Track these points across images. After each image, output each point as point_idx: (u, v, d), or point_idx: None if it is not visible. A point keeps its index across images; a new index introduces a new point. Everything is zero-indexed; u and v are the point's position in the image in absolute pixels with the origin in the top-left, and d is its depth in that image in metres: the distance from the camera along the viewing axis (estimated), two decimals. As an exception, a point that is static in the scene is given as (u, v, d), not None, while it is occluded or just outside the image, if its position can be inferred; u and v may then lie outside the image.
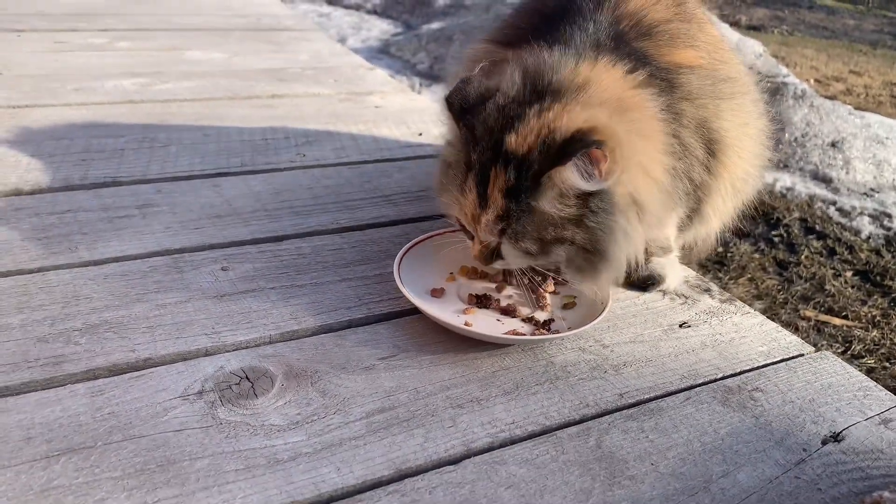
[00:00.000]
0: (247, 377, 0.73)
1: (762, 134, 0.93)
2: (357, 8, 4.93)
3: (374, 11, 4.89)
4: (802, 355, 0.84)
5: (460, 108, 0.77)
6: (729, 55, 0.93)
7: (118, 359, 0.74)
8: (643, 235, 0.80)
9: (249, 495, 0.60)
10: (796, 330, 1.72)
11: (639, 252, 0.81)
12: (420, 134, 1.46)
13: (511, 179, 0.73)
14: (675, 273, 0.95)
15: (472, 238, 0.81)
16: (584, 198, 0.73)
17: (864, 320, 1.80)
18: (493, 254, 0.80)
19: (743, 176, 0.91)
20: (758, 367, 0.81)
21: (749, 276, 1.96)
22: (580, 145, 0.69)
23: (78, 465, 0.62)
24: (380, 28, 4.45)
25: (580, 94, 0.75)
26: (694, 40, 0.88)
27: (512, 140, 0.73)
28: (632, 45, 0.84)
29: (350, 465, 0.64)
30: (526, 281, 0.91)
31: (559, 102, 0.74)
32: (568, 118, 0.72)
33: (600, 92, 0.76)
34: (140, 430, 0.66)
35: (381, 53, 3.91)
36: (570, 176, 0.71)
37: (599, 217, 0.74)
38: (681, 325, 0.88)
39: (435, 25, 4.19)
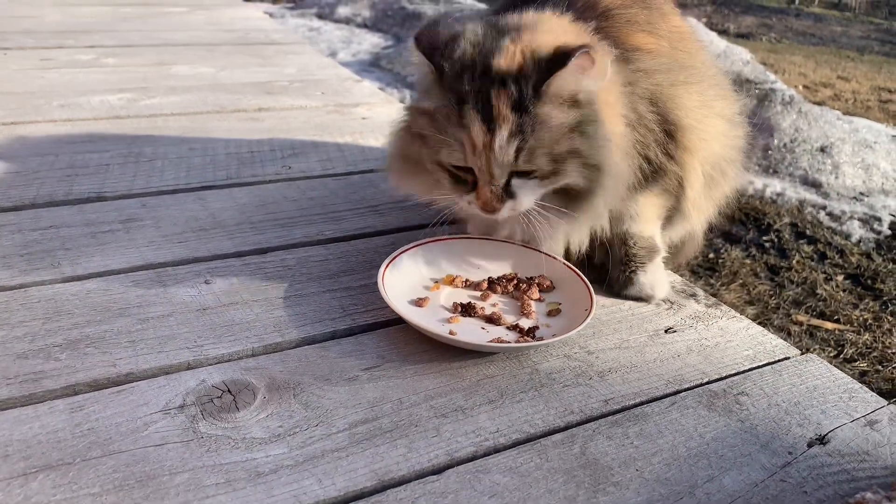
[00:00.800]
0: (229, 390, 0.73)
1: (732, 125, 0.94)
2: (347, 22, 4.96)
3: (364, 25, 4.91)
4: (788, 358, 0.84)
5: (430, 46, 0.77)
6: (693, 46, 0.94)
7: (99, 374, 0.74)
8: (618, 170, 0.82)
9: (229, 509, 0.60)
10: (788, 335, 1.72)
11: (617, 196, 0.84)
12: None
13: (514, 93, 0.74)
14: (662, 286, 0.94)
15: (472, 189, 0.80)
16: (578, 106, 0.77)
17: (855, 324, 1.80)
18: (504, 195, 0.79)
19: (713, 160, 0.91)
20: (743, 371, 0.81)
21: (741, 281, 1.96)
22: (575, 49, 0.73)
23: (56, 481, 0.61)
24: (370, 41, 4.47)
25: (540, 24, 0.79)
26: (654, 27, 0.89)
27: (501, 62, 0.75)
28: (588, 23, 0.85)
29: (332, 477, 0.63)
30: (511, 288, 0.91)
31: (527, 32, 0.78)
32: (543, 39, 0.77)
33: (555, 27, 0.80)
34: (119, 446, 0.65)
35: (372, 66, 3.93)
36: (570, 78, 0.74)
37: (593, 127, 0.77)
38: (666, 331, 0.88)
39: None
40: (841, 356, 1.66)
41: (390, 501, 0.61)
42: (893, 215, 2.38)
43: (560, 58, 0.74)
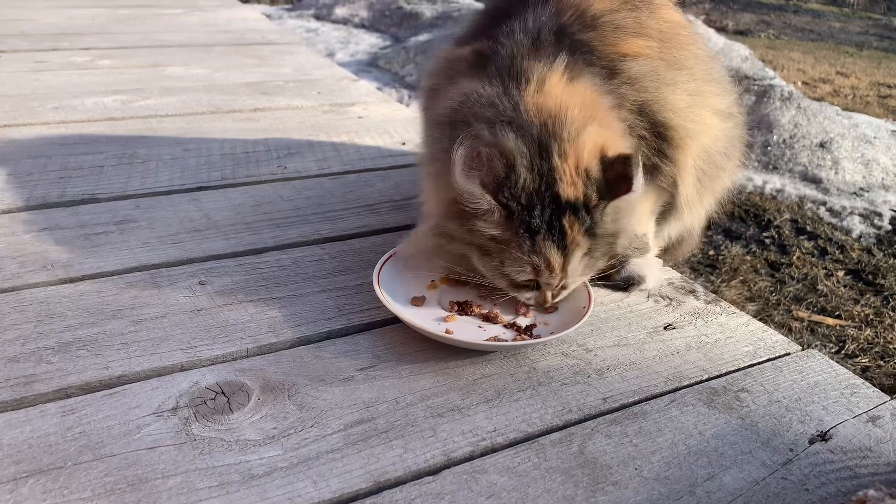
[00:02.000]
0: (222, 392, 0.72)
1: (721, 115, 0.93)
2: (345, 22, 4.95)
3: (361, 25, 4.90)
4: (789, 354, 0.83)
5: (495, 185, 0.76)
6: (686, 39, 0.93)
7: (91, 377, 0.73)
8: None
9: (222, 513, 0.59)
10: (790, 331, 1.71)
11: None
12: (403, 143, 1.45)
13: (587, 220, 0.77)
14: (654, 272, 0.94)
15: (533, 289, 0.82)
16: (623, 210, 0.80)
17: (857, 319, 1.79)
18: (560, 291, 0.83)
19: (705, 155, 0.91)
20: (743, 368, 0.80)
21: (741, 278, 1.95)
22: (629, 168, 0.75)
23: (46, 486, 0.60)
24: (368, 42, 4.47)
25: (564, 124, 0.78)
26: (643, 28, 0.88)
27: (565, 190, 0.76)
28: (575, 38, 0.84)
29: (327, 479, 0.62)
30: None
31: (563, 140, 0.77)
32: (588, 149, 0.77)
33: (570, 110, 0.79)
34: (111, 449, 0.64)
35: (370, 67, 3.92)
36: (633, 196, 0.77)
37: (624, 208, 0.80)
38: (665, 328, 0.87)
39: (423, 38, 4.20)
40: (842, 352, 1.65)
41: (386, 502, 0.60)
42: (894, 210, 2.37)
43: (622, 180, 0.76)
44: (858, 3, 6.75)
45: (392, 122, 1.57)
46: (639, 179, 0.76)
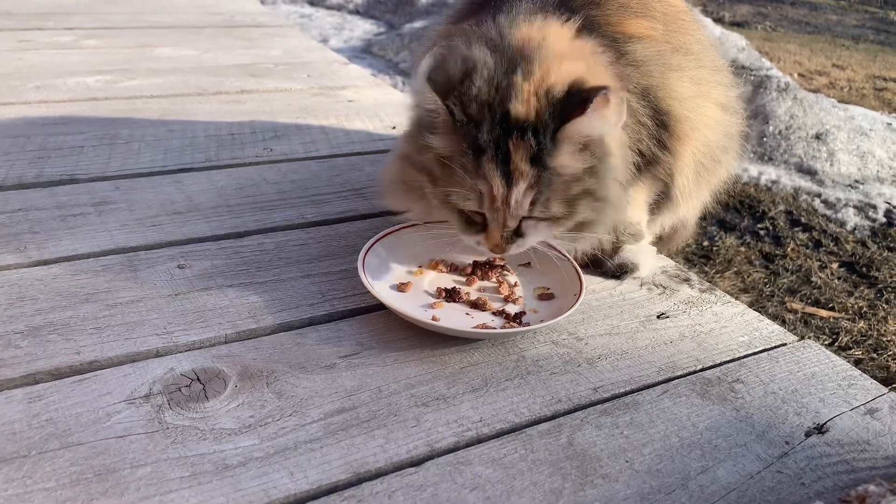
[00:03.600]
0: (198, 379, 0.69)
1: (725, 109, 0.90)
2: (339, 8, 4.89)
3: (356, 11, 4.85)
4: (785, 345, 0.81)
5: (446, 87, 0.71)
6: (690, 26, 0.90)
7: (61, 362, 0.70)
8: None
9: (194, 504, 0.56)
10: (783, 322, 1.69)
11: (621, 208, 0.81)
12: (394, 127, 1.42)
13: (532, 146, 0.70)
14: (647, 260, 0.92)
15: (482, 230, 0.76)
16: (588, 146, 0.73)
17: (850, 312, 1.78)
18: (513, 237, 0.76)
19: (706, 149, 0.88)
20: (738, 358, 0.78)
21: (735, 269, 1.93)
22: (593, 92, 0.68)
23: (9, 475, 0.57)
24: (362, 28, 4.41)
25: (543, 51, 0.73)
26: (648, 10, 0.85)
27: (518, 108, 0.71)
28: (579, 13, 0.80)
29: (304, 470, 0.60)
30: (494, 275, 0.87)
31: (534, 63, 0.72)
32: (559, 74, 0.71)
33: (554, 46, 0.75)
34: (79, 438, 0.61)
35: (364, 53, 3.87)
36: (588, 124, 0.70)
37: (602, 163, 0.74)
38: (659, 316, 0.85)
39: (418, 24, 4.15)
40: (836, 344, 1.63)
41: (365, 495, 0.58)
42: (889, 203, 2.35)
43: (577, 103, 0.69)
44: (855, -4, 6.73)
45: (383, 106, 1.54)
46: (608, 110, 0.69)
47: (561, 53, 0.74)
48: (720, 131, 0.89)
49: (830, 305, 1.79)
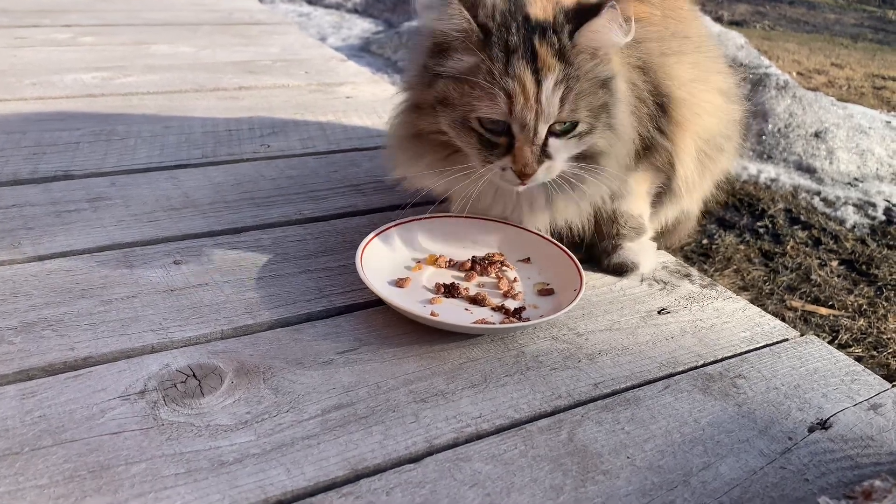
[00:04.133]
0: (194, 375, 0.68)
1: (725, 95, 0.89)
2: (337, 7, 4.88)
3: (354, 10, 4.84)
4: (787, 340, 0.80)
5: (472, 6, 0.74)
6: (687, 14, 0.90)
7: (55, 358, 0.69)
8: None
9: (189, 501, 0.55)
10: (783, 320, 1.67)
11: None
12: (392, 124, 1.41)
13: (556, 42, 0.73)
14: (648, 258, 0.91)
15: (506, 152, 0.75)
16: (604, 61, 0.75)
17: (850, 309, 1.77)
18: (542, 156, 0.75)
19: (707, 136, 0.87)
20: (740, 354, 0.77)
21: (734, 267, 1.93)
22: (603, 3, 0.71)
23: (1, 473, 0.56)
24: (360, 27, 4.40)
25: None
26: None
27: (537, 11, 0.74)
28: None
29: (301, 467, 0.59)
30: (494, 271, 0.86)
31: None
32: None
33: None
34: (73, 434, 0.60)
35: (362, 52, 3.86)
36: (601, 30, 0.72)
37: (614, 83, 0.76)
38: (659, 312, 0.84)
39: (416, 23, 4.14)
40: (836, 342, 1.62)
41: (363, 492, 0.57)
42: (888, 201, 2.35)
43: (591, 8, 0.73)
44: (854, -5, 6.73)
45: (381, 103, 1.53)
46: (616, 22, 0.72)
47: None
48: (721, 117, 0.88)
49: (830, 303, 1.78)
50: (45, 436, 0.60)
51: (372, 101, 1.54)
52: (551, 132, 0.74)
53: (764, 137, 2.66)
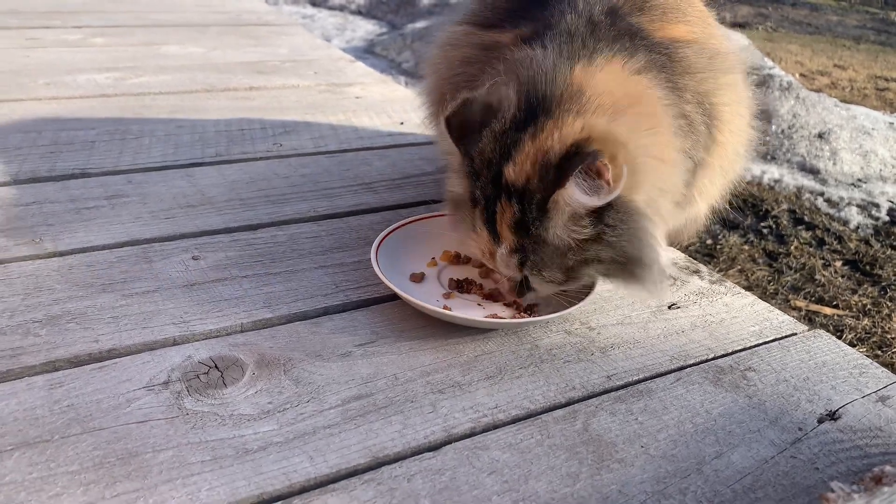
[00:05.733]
0: (216, 366, 0.70)
1: (750, 111, 0.91)
2: (341, 9, 4.91)
3: (358, 12, 4.86)
4: (795, 334, 0.81)
5: (459, 132, 0.71)
6: (716, 31, 0.90)
7: (80, 350, 0.71)
8: (665, 219, 0.77)
9: (215, 487, 0.57)
10: (787, 319, 1.69)
11: (664, 234, 0.79)
12: (402, 123, 1.42)
13: (517, 213, 0.68)
14: (661, 253, 0.92)
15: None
16: (598, 214, 0.68)
17: (854, 309, 1.78)
18: (524, 286, 0.76)
19: (733, 155, 0.88)
20: (750, 347, 0.78)
21: (739, 267, 1.94)
22: (576, 161, 0.64)
23: (32, 459, 0.58)
24: (364, 28, 4.43)
25: (573, 103, 0.69)
26: (685, 15, 0.85)
27: (510, 171, 0.68)
28: (627, 20, 0.79)
29: (324, 454, 0.60)
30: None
31: (551, 119, 0.68)
32: (560, 134, 0.67)
33: (596, 95, 0.69)
34: (100, 423, 0.62)
35: (367, 53, 3.88)
36: (575, 195, 0.65)
37: (619, 229, 0.68)
38: (670, 307, 0.85)
39: (420, 24, 4.16)
40: (840, 341, 1.64)
41: (384, 479, 0.59)
42: (892, 202, 2.36)
43: (564, 169, 0.65)
44: (856, -3, 6.75)
45: (390, 103, 1.54)
46: (597, 180, 0.64)
47: (594, 105, 0.69)
48: (745, 142, 0.89)
49: (834, 303, 1.80)
50: (74, 424, 0.62)
51: (381, 101, 1.56)
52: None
53: (767, 138, 2.68)
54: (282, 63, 1.81)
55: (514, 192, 0.68)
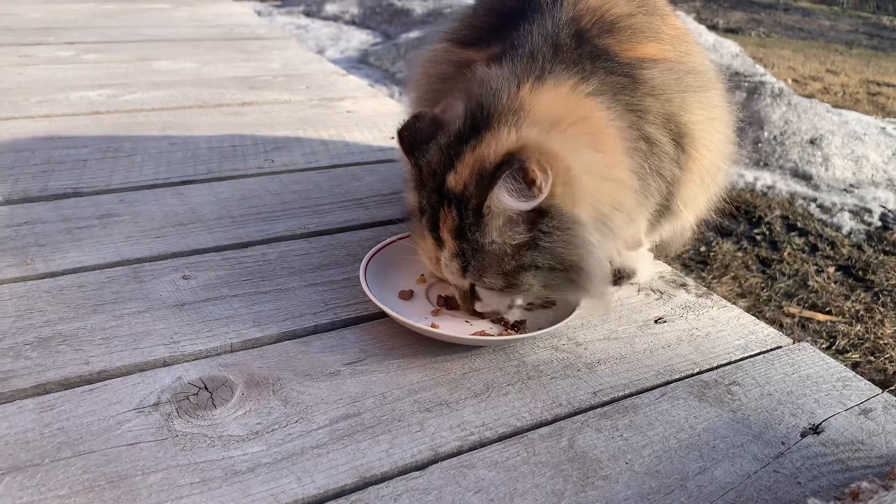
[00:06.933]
0: (205, 387, 0.70)
1: (728, 127, 0.92)
2: (335, 19, 4.93)
3: (352, 22, 4.88)
4: (780, 347, 0.82)
5: (410, 144, 0.76)
6: (694, 48, 0.91)
7: (70, 372, 0.71)
8: (616, 237, 0.78)
9: (204, 510, 0.57)
10: (781, 327, 1.70)
11: (619, 248, 0.80)
12: (393, 137, 1.43)
13: (456, 219, 0.72)
14: (645, 266, 0.93)
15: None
16: (533, 220, 0.70)
17: (847, 315, 1.79)
18: (472, 296, 0.78)
19: (711, 169, 0.89)
20: (735, 361, 0.79)
21: (732, 274, 1.95)
22: (506, 167, 0.67)
23: (23, 483, 0.58)
24: (358, 38, 4.45)
25: (512, 118, 0.72)
26: (658, 33, 0.86)
27: (451, 179, 0.72)
28: (593, 43, 0.81)
29: (311, 475, 0.61)
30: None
31: (490, 132, 0.72)
32: (496, 145, 0.70)
33: (536, 112, 0.73)
34: (90, 446, 0.63)
35: (361, 63, 3.90)
36: (505, 199, 0.68)
37: (554, 235, 0.70)
38: (656, 321, 0.86)
39: (414, 34, 4.18)
40: (833, 347, 1.65)
41: (372, 499, 0.59)
42: (884, 207, 2.37)
43: (496, 174, 0.68)
44: (848, 2, 6.79)
45: (381, 117, 1.56)
46: (524, 184, 0.66)
47: (531, 120, 0.72)
48: (725, 157, 0.90)
49: (827, 309, 1.81)
50: (65, 448, 0.62)
51: (372, 115, 1.57)
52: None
53: (760, 145, 2.70)
54: (274, 78, 1.82)
55: (454, 199, 0.72)
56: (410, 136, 0.76)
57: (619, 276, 0.92)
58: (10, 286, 0.85)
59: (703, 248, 2.08)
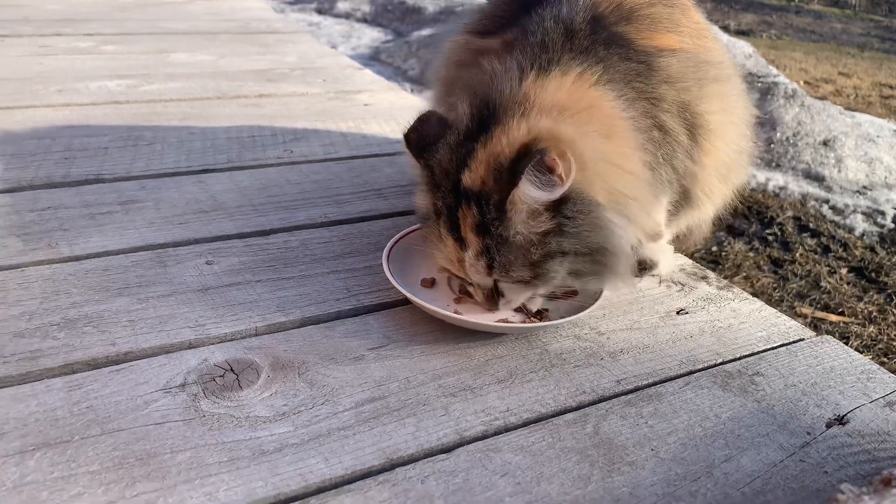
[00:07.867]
0: (231, 369, 0.71)
1: (745, 121, 0.92)
2: (347, 16, 4.94)
3: (364, 20, 4.89)
4: (803, 339, 0.82)
5: (418, 147, 0.75)
6: (714, 43, 0.91)
7: (97, 353, 0.72)
8: (633, 224, 0.78)
9: (233, 488, 0.58)
10: (793, 326, 1.70)
11: (639, 236, 0.80)
12: (410, 131, 1.44)
13: (477, 216, 0.71)
14: (666, 258, 0.93)
15: (472, 285, 0.79)
16: (556, 207, 0.70)
17: (860, 316, 1.79)
18: (496, 294, 0.77)
19: (727, 161, 0.89)
20: (758, 352, 0.79)
21: (744, 274, 1.95)
22: (527, 160, 0.66)
23: (53, 459, 0.59)
24: (370, 36, 4.45)
25: (517, 109, 0.72)
26: (677, 25, 0.86)
27: (467, 178, 0.72)
28: (610, 30, 0.81)
29: (339, 456, 0.61)
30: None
31: (499, 126, 0.72)
32: (508, 138, 0.70)
33: (541, 101, 0.73)
34: (119, 424, 0.63)
35: (372, 61, 3.91)
36: (530, 192, 0.68)
37: (579, 219, 0.71)
38: (678, 312, 0.86)
39: (425, 32, 4.19)
40: (848, 347, 1.64)
41: (399, 480, 0.59)
42: (897, 209, 2.36)
43: (517, 169, 0.67)
44: (860, 5, 6.76)
45: (399, 110, 1.56)
46: (549, 175, 0.66)
47: (538, 109, 0.72)
48: (741, 152, 0.90)
49: (840, 310, 1.80)
50: (94, 425, 0.63)
51: (389, 108, 1.57)
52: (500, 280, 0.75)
53: (772, 145, 2.69)
54: (291, 70, 1.83)
55: (473, 197, 0.71)
56: (418, 138, 0.76)
57: (642, 268, 0.92)
58: (36, 268, 0.85)
59: (714, 248, 2.08)
